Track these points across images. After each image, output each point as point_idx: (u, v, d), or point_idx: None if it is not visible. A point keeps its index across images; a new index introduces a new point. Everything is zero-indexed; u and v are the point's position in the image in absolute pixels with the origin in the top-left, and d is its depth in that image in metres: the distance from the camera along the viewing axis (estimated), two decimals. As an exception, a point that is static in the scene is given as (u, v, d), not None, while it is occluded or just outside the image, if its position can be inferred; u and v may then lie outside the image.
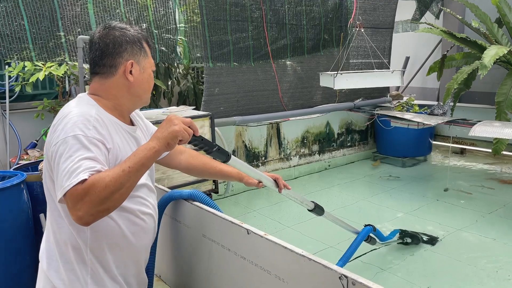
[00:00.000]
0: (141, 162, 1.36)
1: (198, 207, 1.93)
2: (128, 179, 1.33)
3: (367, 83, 3.93)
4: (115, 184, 1.29)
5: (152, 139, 1.42)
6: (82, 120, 1.41)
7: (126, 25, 1.61)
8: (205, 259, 1.94)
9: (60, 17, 3.59)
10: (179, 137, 1.42)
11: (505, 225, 3.75)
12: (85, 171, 1.29)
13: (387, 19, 5.98)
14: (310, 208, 2.39)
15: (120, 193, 1.32)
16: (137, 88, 1.59)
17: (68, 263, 1.50)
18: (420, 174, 5.38)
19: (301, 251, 1.46)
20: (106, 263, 1.53)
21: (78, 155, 1.33)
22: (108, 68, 1.55)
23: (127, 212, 1.56)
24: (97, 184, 1.27)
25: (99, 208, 1.29)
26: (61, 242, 1.49)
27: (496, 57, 4.26)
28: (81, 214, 1.28)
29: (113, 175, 1.30)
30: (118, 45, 1.54)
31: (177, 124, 1.42)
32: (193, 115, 3.68)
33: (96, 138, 1.40)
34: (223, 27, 4.46)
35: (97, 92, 1.58)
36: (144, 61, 1.60)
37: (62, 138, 1.37)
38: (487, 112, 5.35)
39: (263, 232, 1.62)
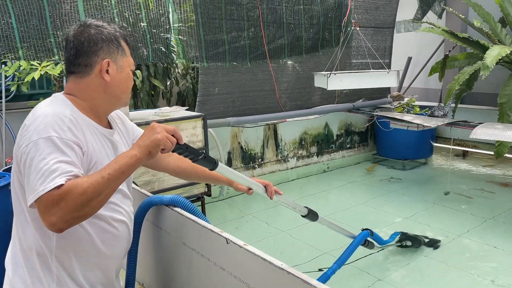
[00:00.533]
0: (122, 169, 1.32)
1: (179, 213, 1.83)
2: (107, 187, 1.28)
3: (362, 84, 3.82)
4: (94, 191, 1.25)
5: (134, 147, 1.38)
6: (56, 121, 1.34)
7: (103, 23, 1.54)
8: (185, 268, 1.85)
9: (49, 15, 3.51)
10: (161, 146, 1.38)
11: (508, 232, 3.62)
12: (61, 176, 1.23)
13: (388, 18, 5.87)
14: (303, 214, 2.29)
15: (98, 200, 1.27)
16: (114, 88, 1.52)
17: (33, 269, 1.43)
18: (420, 177, 5.26)
19: (281, 263, 1.36)
20: (72, 270, 1.46)
21: (53, 158, 1.26)
22: (84, 67, 1.48)
23: (98, 219, 1.48)
24: (74, 190, 1.22)
25: (74, 214, 1.23)
26: (26, 248, 1.43)
27: (498, 57, 4.14)
28: (54, 220, 1.22)
29: (92, 181, 1.25)
30: (93, 43, 1.48)
31: (160, 133, 1.38)
32: (185, 115, 3.59)
33: (71, 140, 1.33)
34: (218, 26, 4.36)
35: (72, 92, 1.50)
36: (121, 60, 1.53)
37: (34, 139, 1.29)
38: (489, 113, 5.23)
39: (242, 242, 1.52)
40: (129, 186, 1.70)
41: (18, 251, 1.46)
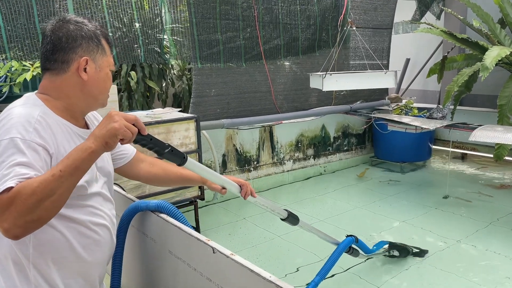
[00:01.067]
0: (75, 165, 1.21)
1: (165, 220, 1.73)
2: (59, 185, 1.18)
3: (358, 85, 3.73)
4: (44, 190, 1.15)
5: (89, 138, 1.26)
6: (22, 122, 1.27)
7: (84, 19, 1.47)
8: (170, 277, 1.75)
9: (37, 14, 3.42)
10: (119, 136, 1.25)
11: (508, 237, 3.53)
12: (13, 178, 1.15)
13: (386, 19, 5.79)
14: (283, 217, 2.12)
15: (51, 200, 1.17)
16: (91, 88, 1.45)
17: (9, 279, 1.35)
18: (419, 180, 5.17)
19: (269, 275, 1.27)
20: (52, 279, 1.38)
21: (11, 160, 1.19)
22: (60, 64, 1.40)
23: (76, 223, 1.41)
24: (23, 191, 1.13)
25: (27, 218, 1.14)
26: (1, 256, 1.35)
27: (498, 59, 4.06)
28: (7, 226, 1.14)
29: (41, 180, 1.16)
30: (72, 39, 1.40)
31: (118, 121, 1.25)
32: (177, 117, 3.49)
33: (36, 141, 1.25)
34: (212, 25, 4.27)
35: (46, 91, 1.43)
36: (101, 59, 1.46)
37: None
38: (489, 115, 5.15)
39: (229, 251, 1.42)
40: (110, 189, 1.62)
41: None
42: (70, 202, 1.34)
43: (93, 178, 1.49)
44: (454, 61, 5.60)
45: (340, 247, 2.52)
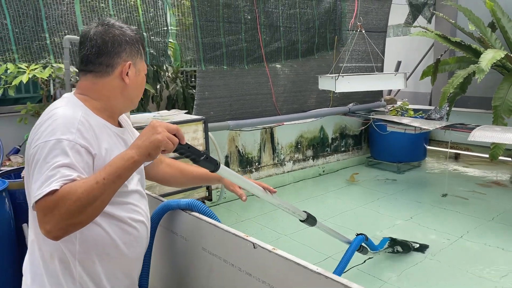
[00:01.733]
0: (117, 173, 1.25)
1: (198, 218, 1.78)
2: (102, 192, 1.22)
3: (369, 86, 3.83)
4: (88, 197, 1.19)
5: (131, 147, 1.30)
6: (66, 123, 1.30)
7: (125, 25, 1.52)
8: (204, 274, 1.79)
9: (45, 17, 3.42)
10: (161, 147, 1.30)
11: (506, 232, 3.66)
12: (58, 180, 1.18)
13: (380, 23, 5.92)
14: (302, 218, 2.23)
15: (94, 206, 1.21)
16: (130, 91, 1.51)
17: (53, 277, 1.38)
18: (416, 180, 5.30)
19: (316, 268, 1.33)
20: (96, 276, 1.42)
21: (55, 162, 1.22)
22: (104, 67, 1.45)
23: (118, 220, 1.45)
24: (67, 196, 1.17)
25: (68, 222, 1.18)
26: (46, 254, 1.38)
27: (493, 61, 4.21)
28: (49, 228, 1.17)
29: (86, 187, 1.19)
30: (117, 44, 1.46)
31: (161, 133, 1.30)
32: (186, 119, 3.53)
33: (79, 143, 1.29)
34: (216, 28, 4.32)
35: (86, 92, 1.46)
36: (140, 64, 1.52)
37: (42, 141, 1.26)
38: (481, 116, 5.31)
39: (271, 246, 1.48)
40: (143, 186, 1.67)
41: (37, 257, 1.41)
42: (112, 199, 1.37)
43: (131, 176, 1.53)
44: (447, 64, 5.77)
45: (352, 246, 2.61)
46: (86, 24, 3.61)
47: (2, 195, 3.13)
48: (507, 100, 4.44)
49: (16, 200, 3.33)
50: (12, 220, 3.20)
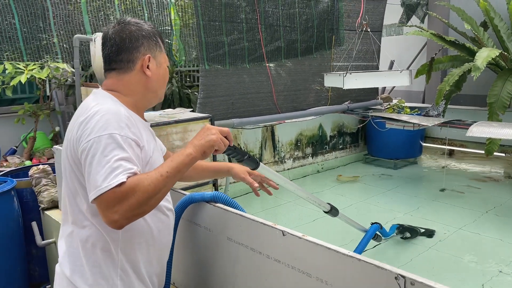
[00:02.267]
0: (178, 168, 1.36)
1: (223, 209, 1.84)
2: (165, 184, 1.32)
3: (376, 83, 3.94)
4: (154, 189, 1.28)
5: (189, 146, 1.42)
6: (115, 118, 1.35)
7: (139, 20, 1.57)
8: (230, 263, 1.85)
9: (52, 16, 3.45)
10: (215, 147, 1.44)
11: (504, 224, 3.79)
12: (123, 173, 1.24)
13: (376, 22, 6.03)
14: (326, 210, 2.39)
15: (157, 198, 1.31)
16: (154, 83, 1.56)
17: (95, 266, 1.43)
18: (413, 175, 5.42)
19: (348, 251, 1.40)
20: (136, 262, 1.48)
21: (114, 155, 1.27)
22: (126, 63, 1.51)
23: (156, 209, 1.51)
24: (136, 188, 1.24)
25: (135, 212, 1.26)
26: (88, 244, 1.44)
27: (488, 59, 4.34)
28: (117, 217, 1.24)
29: (152, 179, 1.28)
30: (134, 39, 1.51)
31: (215, 134, 1.45)
32: (194, 117, 3.58)
33: (130, 137, 1.35)
34: (218, 28, 4.39)
35: (115, 88, 1.53)
36: (160, 56, 1.58)
37: (95, 136, 1.31)
38: (476, 113, 5.45)
39: (300, 233, 1.55)
40: None
41: (79, 249, 1.45)
42: None
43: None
44: (440, 62, 5.91)
45: (368, 234, 2.73)
46: (92, 23, 3.65)
47: (10, 193, 3.16)
48: (501, 97, 4.58)
49: (23, 199, 3.35)
50: (21, 218, 3.23)
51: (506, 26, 5.38)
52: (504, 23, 5.38)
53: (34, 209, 3.24)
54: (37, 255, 3.37)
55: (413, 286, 1.21)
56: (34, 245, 3.10)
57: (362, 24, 4.34)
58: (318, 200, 2.25)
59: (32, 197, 3.32)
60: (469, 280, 2.94)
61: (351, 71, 3.89)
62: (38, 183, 3.19)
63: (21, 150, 5.31)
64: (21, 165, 4.70)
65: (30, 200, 3.37)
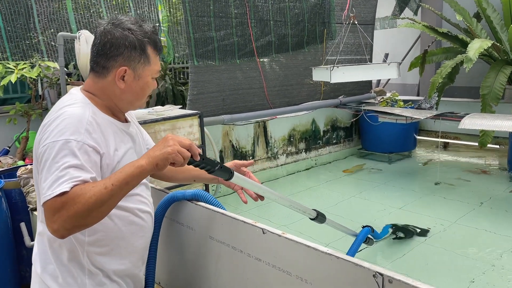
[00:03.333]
0: (126, 180, 1.27)
1: (204, 207, 1.80)
2: (109, 197, 1.24)
3: (364, 76, 3.90)
4: (96, 201, 1.21)
5: (143, 157, 1.33)
6: (74, 123, 1.31)
7: (134, 25, 1.44)
8: (212, 262, 1.82)
9: (36, 14, 3.40)
10: (169, 159, 1.32)
11: (496, 216, 3.77)
12: (68, 182, 1.20)
13: (368, 15, 5.99)
14: (312, 216, 2.23)
15: (100, 210, 1.24)
16: (127, 95, 1.48)
17: (63, 265, 1.41)
18: (407, 169, 5.39)
19: (327, 249, 1.36)
20: (104, 264, 1.45)
21: (64, 162, 1.23)
22: (101, 68, 1.44)
23: (127, 211, 1.49)
24: (76, 199, 1.19)
25: (75, 223, 1.21)
26: (55, 244, 1.41)
27: (480, 50, 4.30)
28: (56, 227, 1.21)
29: (94, 191, 1.22)
30: (115, 47, 1.41)
31: (171, 146, 1.32)
32: (181, 114, 3.54)
33: (87, 143, 1.30)
34: (207, 23, 4.34)
35: (91, 90, 1.48)
36: (141, 69, 1.45)
37: (50, 141, 1.27)
38: (469, 105, 5.42)
39: (280, 231, 1.52)
40: (148, 178, 1.68)
41: (47, 247, 1.44)
42: None
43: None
44: (434, 55, 5.88)
45: (359, 237, 2.66)
46: (78, 21, 3.60)
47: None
48: (494, 88, 4.55)
49: (12, 200, 3.31)
50: (9, 219, 3.19)
51: (499, 16, 5.34)
52: (497, 14, 5.33)
53: (23, 210, 3.20)
54: (27, 256, 3.34)
55: (391, 284, 1.18)
56: (24, 246, 3.07)
57: (350, 16, 4.27)
58: (303, 207, 2.09)
59: (20, 198, 3.28)
60: (462, 275, 2.91)
61: (338, 65, 3.84)
62: (27, 184, 3.16)
63: (14, 150, 5.27)
64: (14, 165, 4.66)
65: (18, 200, 3.33)
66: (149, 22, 3.99)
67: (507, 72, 4.67)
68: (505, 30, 5.20)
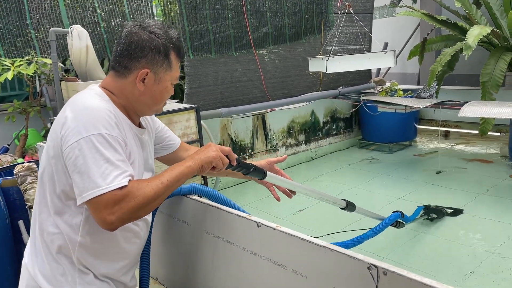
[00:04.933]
0: (178, 177, 1.39)
1: (199, 201, 1.78)
2: (164, 192, 1.34)
3: (360, 65, 3.85)
4: (154, 195, 1.30)
5: (189, 159, 1.46)
6: (104, 116, 1.32)
7: (160, 29, 1.45)
8: (208, 256, 1.80)
9: (28, 10, 3.37)
10: (213, 163, 1.47)
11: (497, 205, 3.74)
12: (122, 175, 1.26)
13: (366, 4, 5.92)
14: (342, 206, 2.29)
15: (154, 204, 1.33)
16: (146, 98, 1.48)
17: (54, 261, 1.42)
18: (408, 159, 5.36)
19: (321, 242, 1.34)
20: (94, 267, 1.45)
21: (108, 156, 1.27)
22: (123, 68, 1.45)
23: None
24: (136, 192, 1.27)
25: (132, 215, 1.28)
26: (49, 242, 1.42)
27: (480, 37, 4.25)
28: (113, 219, 1.24)
29: (152, 186, 1.31)
30: (140, 49, 1.42)
31: (215, 151, 1.48)
32: (178, 108, 3.51)
33: (120, 137, 1.34)
34: (202, 16, 4.29)
35: (109, 87, 1.48)
36: (163, 73, 1.47)
37: (85, 135, 1.27)
38: (470, 93, 5.37)
39: (274, 224, 1.49)
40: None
41: (39, 244, 1.44)
42: None
43: (140, 174, 1.54)
44: (433, 43, 5.81)
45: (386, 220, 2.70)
46: (70, 16, 3.56)
47: (-4, 193, 3.10)
48: (494, 76, 4.49)
49: (10, 198, 3.30)
50: (7, 217, 3.18)
51: (498, 3, 5.27)
52: (496, 0, 5.26)
53: (21, 208, 3.20)
54: (28, 254, 3.33)
55: (386, 275, 1.15)
56: (22, 244, 3.07)
57: (345, 5, 4.22)
58: (333, 199, 2.18)
59: (18, 196, 3.28)
60: (462, 264, 2.89)
61: (333, 55, 3.79)
62: (24, 181, 3.14)
63: (13, 148, 5.26)
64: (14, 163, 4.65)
65: (16, 198, 3.32)
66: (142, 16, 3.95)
67: (507, 59, 4.62)
68: (504, 16, 5.13)
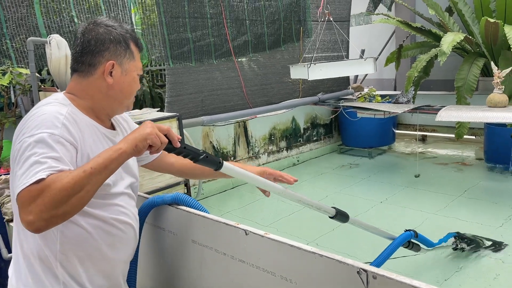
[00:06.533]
0: (105, 164, 1.24)
1: (185, 211, 1.77)
2: (88, 181, 1.20)
3: (341, 72, 3.91)
4: (74, 186, 1.16)
5: (121, 141, 1.31)
6: (51, 118, 1.29)
7: (114, 23, 1.48)
8: (196, 266, 1.79)
9: (4, 20, 3.30)
10: (148, 140, 1.31)
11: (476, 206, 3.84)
12: (45, 170, 1.16)
13: (343, 12, 6.03)
14: (331, 215, 2.02)
15: (79, 196, 1.19)
16: (116, 91, 1.47)
17: (37, 276, 1.37)
18: (387, 163, 5.45)
19: (310, 248, 1.35)
20: (78, 276, 1.40)
21: (41, 153, 1.20)
22: (87, 66, 1.43)
23: (102, 221, 1.43)
24: (53, 185, 1.14)
25: (52, 212, 1.14)
26: (29, 254, 1.37)
27: (453, 43, 4.37)
28: (32, 218, 1.13)
29: (72, 176, 1.17)
30: (100, 43, 1.42)
31: (150, 128, 1.33)
32: (159, 116, 3.49)
33: (64, 137, 1.28)
34: (182, 24, 4.29)
35: (73, 91, 1.46)
36: (127, 63, 1.47)
37: (27, 136, 1.25)
38: (446, 98, 5.50)
39: (263, 231, 1.50)
40: (135, 190, 1.65)
41: (20, 257, 1.39)
42: (96, 201, 1.37)
43: (118, 177, 1.51)
44: (409, 49, 5.95)
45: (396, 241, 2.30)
46: (47, 26, 3.51)
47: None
48: (468, 81, 4.63)
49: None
50: None
51: (470, 10, 5.43)
52: (468, 7, 5.43)
53: (-1, 219, 3.11)
54: (5, 268, 3.23)
55: (375, 279, 1.17)
56: (1, 259, 2.98)
57: (324, 13, 4.29)
58: (318, 204, 1.89)
59: (8, 201, 3.19)
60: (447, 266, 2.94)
61: (315, 62, 3.85)
62: (1, 194, 3.06)
63: (-12, 161, 5.11)
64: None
65: (5, 204, 3.24)
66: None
67: (480, 64, 4.77)
68: (476, 23, 5.30)
